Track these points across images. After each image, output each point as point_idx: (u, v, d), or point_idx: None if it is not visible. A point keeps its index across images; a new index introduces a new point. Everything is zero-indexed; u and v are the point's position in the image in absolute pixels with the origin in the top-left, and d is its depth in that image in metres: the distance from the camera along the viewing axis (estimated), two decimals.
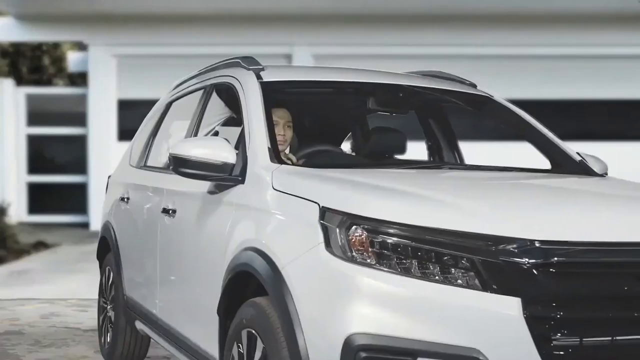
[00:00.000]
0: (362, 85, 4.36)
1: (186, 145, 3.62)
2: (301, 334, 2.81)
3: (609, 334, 2.66)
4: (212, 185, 3.77)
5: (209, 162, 3.55)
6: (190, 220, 4.02)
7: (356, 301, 2.68)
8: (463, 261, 2.67)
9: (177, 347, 4.20)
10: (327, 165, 3.70)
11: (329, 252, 2.79)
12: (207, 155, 3.56)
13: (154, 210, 4.61)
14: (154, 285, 4.62)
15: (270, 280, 2.98)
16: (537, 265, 2.64)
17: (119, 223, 5.48)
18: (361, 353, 2.62)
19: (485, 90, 4.74)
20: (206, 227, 3.80)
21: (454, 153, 5.00)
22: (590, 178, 4.00)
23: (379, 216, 2.76)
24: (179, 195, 4.27)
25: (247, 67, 4.09)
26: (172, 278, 4.38)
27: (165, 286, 4.48)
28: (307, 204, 2.98)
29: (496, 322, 2.61)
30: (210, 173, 3.58)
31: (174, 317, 4.30)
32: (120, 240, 5.40)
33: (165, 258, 4.44)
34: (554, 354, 2.60)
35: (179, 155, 3.60)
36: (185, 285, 4.16)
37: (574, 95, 15.14)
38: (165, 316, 4.43)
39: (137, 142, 5.73)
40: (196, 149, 3.58)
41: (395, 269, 2.69)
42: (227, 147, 3.60)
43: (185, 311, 4.14)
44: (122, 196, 5.43)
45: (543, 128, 4.42)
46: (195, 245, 3.92)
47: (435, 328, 2.61)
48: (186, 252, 4.09)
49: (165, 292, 4.48)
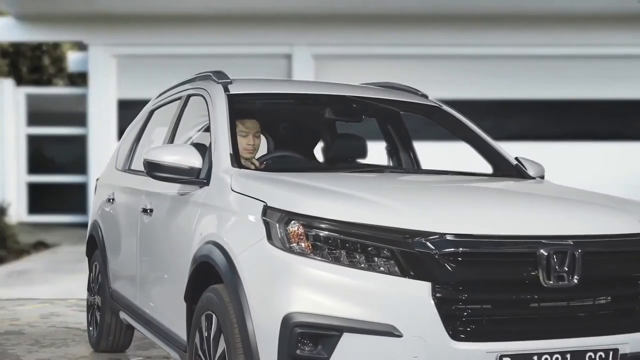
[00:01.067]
0: (320, 97, 4.88)
1: (158, 152, 4.10)
2: (249, 314, 3.28)
3: (507, 313, 3.16)
4: (181, 187, 4.24)
5: (178, 166, 4.03)
6: (164, 219, 4.50)
7: (293, 285, 3.15)
8: (384, 251, 3.14)
9: (154, 332, 4.66)
10: (283, 169, 4.29)
11: (270, 244, 3.26)
12: (176, 161, 4.03)
13: (135, 210, 5.04)
14: (135, 278, 5.05)
15: (225, 269, 3.45)
16: (446, 254, 3.11)
17: (105, 222, 5.91)
18: (296, 329, 3.10)
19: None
20: (177, 224, 4.26)
21: (410, 155, 5.50)
22: (520, 181, 4.48)
23: (313, 213, 3.23)
24: (155, 196, 4.71)
25: (217, 80, 4.56)
26: (150, 271, 4.83)
27: (144, 278, 4.91)
28: (256, 203, 3.45)
29: (410, 302, 3.08)
30: (179, 176, 4.06)
31: (150, 306, 4.75)
32: (106, 237, 5.83)
33: (144, 253, 4.88)
34: (458, 330, 3.07)
35: (152, 161, 4.08)
36: (160, 277, 4.64)
37: (574, 95, 15.13)
38: (143, 305, 4.87)
39: (122, 147, 6.16)
40: (167, 155, 4.06)
41: (327, 258, 3.16)
42: (194, 153, 4.07)
43: (160, 300, 4.62)
44: (108, 197, 5.86)
45: (484, 134, 4.89)
46: (168, 240, 4.39)
47: (359, 308, 3.08)
48: (161, 247, 4.56)
49: (144, 284, 4.91)
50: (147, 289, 4.86)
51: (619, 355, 3.25)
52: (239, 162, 4.03)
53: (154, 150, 4.14)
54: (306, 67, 14.83)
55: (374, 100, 4.93)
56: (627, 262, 3.40)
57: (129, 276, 5.19)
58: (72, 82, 22.50)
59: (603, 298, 3.31)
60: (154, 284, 4.78)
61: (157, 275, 4.71)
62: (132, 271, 5.09)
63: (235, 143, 4.11)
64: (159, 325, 4.55)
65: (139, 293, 4.96)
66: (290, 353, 3.10)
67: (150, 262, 4.81)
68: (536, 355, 3.13)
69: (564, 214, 3.54)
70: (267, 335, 3.19)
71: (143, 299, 4.90)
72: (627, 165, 14.57)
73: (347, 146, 5.16)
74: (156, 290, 4.74)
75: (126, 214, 5.35)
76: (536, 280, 3.17)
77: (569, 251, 3.21)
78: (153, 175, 4.12)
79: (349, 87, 5.09)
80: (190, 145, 4.22)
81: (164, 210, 4.52)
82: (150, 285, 4.82)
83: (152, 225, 4.70)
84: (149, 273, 4.84)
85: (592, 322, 3.27)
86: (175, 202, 4.34)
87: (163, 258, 4.54)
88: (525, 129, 15.14)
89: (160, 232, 4.55)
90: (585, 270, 3.23)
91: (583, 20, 14.68)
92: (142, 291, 4.93)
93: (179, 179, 4.08)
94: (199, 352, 3.69)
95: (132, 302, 5.07)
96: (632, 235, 3.45)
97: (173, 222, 4.33)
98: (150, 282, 4.83)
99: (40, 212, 16.85)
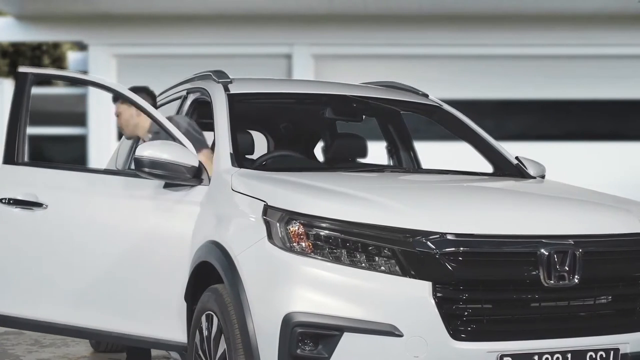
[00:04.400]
0: (321, 96, 4.87)
1: (150, 149, 3.96)
2: (249, 314, 3.26)
3: (507, 313, 3.17)
4: (179, 186, 4.11)
5: (178, 164, 3.93)
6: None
7: (294, 284, 3.15)
8: (385, 251, 3.13)
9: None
10: (283, 168, 4.21)
11: (271, 244, 3.26)
12: (175, 159, 3.92)
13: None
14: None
15: (225, 269, 3.44)
16: (446, 254, 3.11)
17: None
18: (297, 328, 3.09)
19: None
20: (176, 224, 4.13)
21: (410, 154, 5.49)
22: (521, 180, 4.46)
23: (313, 212, 3.22)
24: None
25: (217, 80, 4.53)
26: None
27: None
28: (256, 202, 3.44)
29: (411, 302, 3.07)
30: (173, 174, 3.95)
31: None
32: None
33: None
34: (459, 329, 3.07)
35: (157, 159, 3.94)
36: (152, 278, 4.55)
37: (574, 95, 15.12)
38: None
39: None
40: (163, 153, 3.95)
41: (328, 257, 3.15)
42: (190, 152, 4.00)
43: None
44: None
45: (484, 133, 4.86)
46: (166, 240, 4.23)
47: (360, 307, 3.08)
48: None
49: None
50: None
51: (619, 354, 3.25)
52: (239, 161, 4.02)
53: (145, 147, 4.01)
54: (306, 67, 14.83)
55: (375, 100, 4.93)
56: (628, 261, 3.41)
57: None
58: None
59: (604, 298, 3.32)
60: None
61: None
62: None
63: (235, 142, 4.09)
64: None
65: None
66: (291, 353, 3.11)
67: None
68: (537, 355, 3.14)
69: (565, 213, 3.55)
70: (268, 334, 3.19)
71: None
72: (627, 165, 14.56)
73: (348, 146, 5.15)
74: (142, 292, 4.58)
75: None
76: (537, 280, 3.17)
77: (570, 251, 3.22)
78: (144, 172, 3.99)
79: (349, 86, 5.09)
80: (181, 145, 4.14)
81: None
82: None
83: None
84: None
85: (592, 321, 3.28)
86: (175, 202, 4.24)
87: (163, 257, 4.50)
88: (525, 129, 15.14)
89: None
90: (586, 269, 3.23)
91: (583, 20, 14.68)
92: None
93: (172, 177, 3.98)
94: (199, 352, 3.68)
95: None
96: (632, 234, 3.46)
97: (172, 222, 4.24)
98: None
99: None
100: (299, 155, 5.04)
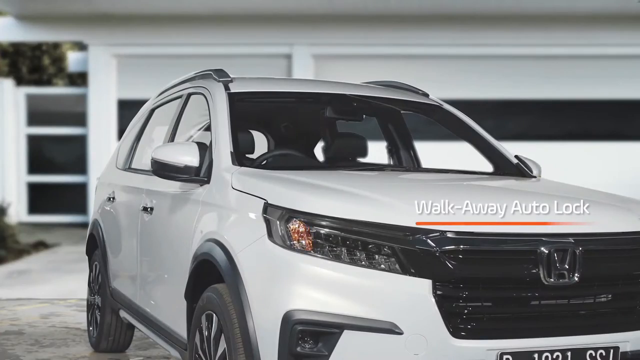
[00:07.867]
0: (321, 95, 4.86)
1: (166, 150, 4.08)
2: (249, 311, 3.27)
3: (507, 311, 3.17)
4: (182, 185, 4.22)
5: (186, 165, 4.00)
6: (165, 217, 4.49)
7: (294, 282, 3.15)
8: (385, 249, 3.14)
9: (153, 331, 4.65)
10: (283, 167, 4.20)
11: (271, 242, 3.26)
12: (185, 160, 4.01)
13: (135, 209, 5.03)
14: (135, 277, 5.06)
15: (225, 267, 3.44)
16: (446, 252, 3.11)
17: (106, 221, 5.89)
18: (297, 326, 3.09)
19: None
20: (178, 222, 4.25)
21: (410, 154, 5.49)
22: (521, 179, 4.46)
23: (314, 210, 3.22)
24: (156, 194, 4.71)
25: (217, 79, 4.52)
26: (150, 269, 4.83)
27: (144, 277, 4.91)
28: (256, 200, 3.44)
29: (411, 300, 3.08)
30: (185, 175, 4.04)
31: (151, 305, 4.74)
32: (107, 236, 5.81)
33: (144, 252, 4.88)
34: (459, 327, 3.08)
35: (160, 160, 4.05)
36: (160, 275, 4.65)
37: (574, 95, 15.13)
38: (144, 304, 4.86)
39: (123, 146, 6.14)
40: (178, 154, 4.02)
41: (328, 255, 3.16)
42: (195, 151, 4.04)
43: (160, 298, 4.61)
44: (108, 196, 5.84)
45: (484, 133, 4.86)
46: (169, 238, 4.38)
47: (360, 305, 3.08)
48: (161, 246, 4.56)
49: (144, 283, 4.91)
50: (147, 288, 4.86)
51: (619, 353, 3.25)
52: (240, 160, 4.03)
53: (162, 149, 4.12)
54: (306, 67, 14.83)
55: (375, 99, 4.92)
56: (628, 260, 3.41)
57: (129, 275, 5.20)
58: (72, 82, 22.50)
59: (604, 296, 3.32)
60: (155, 283, 4.78)
61: (158, 274, 4.70)
62: (132, 270, 5.10)
63: (236, 141, 4.10)
64: (159, 323, 4.53)
65: (139, 291, 4.96)
66: (291, 351, 3.11)
67: (150, 260, 4.80)
68: (537, 353, 3.14)
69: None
70: (268, 332, 3.19)
71: (143, 298, 4.88)
72: (626, 165, 14.57)
73: (348, 145, 5.16)
74: (156, 289, 4.73)
75: (127, 212, 5.34)
76: (537, 278, 3.18)
77: (570, 249, 3.22)
78: (160, 174, 4.10)
79: (349, 85, 5.07)
80: (194, 144, 4.20)
81: (165, 208, 4.51)
82: (151, 284, 4.82)
83: (153, 224, 4.69)
84: (149, 271, 4.84)
85: (592, 320, 3.27)
86: (176, 200, 4.34)
87: (163, 256, 4.54)
88: (525, 129, 15.14)
89: (161, 231, 4.55)
90: (586, 268, 3.23)
91: (583, 20, 14.68)
92: (142, 290, 4.93)
93: (184, 178, 4.07)
94: (199, 351, 3.68)
95: (132, 301, 5.07)
96: (632, 233, 3.46)
97: (173, 221, 4.33)
98: (151, 280, 4.83)
99: (40, 212, 16.84)
100: (299, 154, 5.03)
